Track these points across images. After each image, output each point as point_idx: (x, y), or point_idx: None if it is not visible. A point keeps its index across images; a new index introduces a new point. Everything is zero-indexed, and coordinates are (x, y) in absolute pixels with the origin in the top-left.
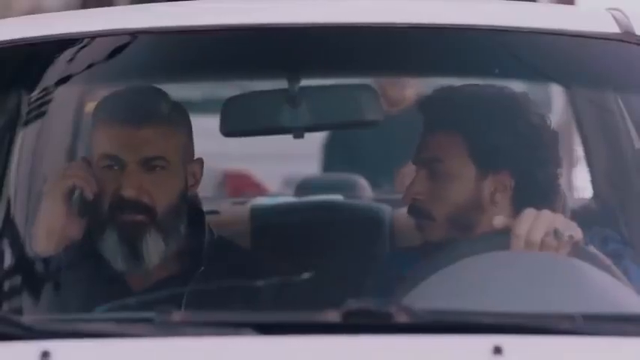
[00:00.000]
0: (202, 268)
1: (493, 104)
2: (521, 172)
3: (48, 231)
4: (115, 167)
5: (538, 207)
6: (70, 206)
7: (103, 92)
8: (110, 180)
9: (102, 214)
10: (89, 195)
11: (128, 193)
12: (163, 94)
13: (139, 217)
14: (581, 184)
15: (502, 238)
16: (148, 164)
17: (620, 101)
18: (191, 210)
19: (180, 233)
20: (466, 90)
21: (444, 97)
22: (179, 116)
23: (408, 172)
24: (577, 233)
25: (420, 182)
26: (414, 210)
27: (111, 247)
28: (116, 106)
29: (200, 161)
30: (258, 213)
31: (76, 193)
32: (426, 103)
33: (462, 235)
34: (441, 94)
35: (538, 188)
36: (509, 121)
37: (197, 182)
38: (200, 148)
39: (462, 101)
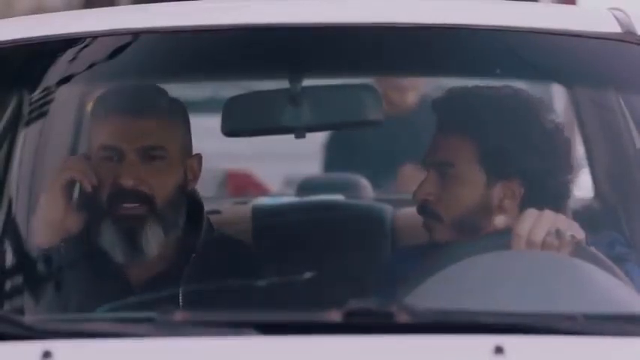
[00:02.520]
0: (203, 266)
1: (507, 110)
2: (532, 180)
3: (47, 224)
4: (114, 158)
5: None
6: (69, 199)
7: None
8: (109, 171)
9: (101, 205)
10: (87, 187)
11: (127, 182)
12: (161, 91)
13: (139, 207)
14: (582, 183)
15: (504, 238)
16: (147, 154)
17: (621, 101)
18: (190, 205)
19: (179, 226)
20: (480, 93)
21: (459, 100)
22: (177, 111)
23: (409, 172)
24: (578, 233)
25: (430, 183)
26: (424, 210)
27: (110, 237)
28: (115, 100)
29: (199, 157)
30: (259, 213)
31: (75, 186)
32: (440, 104)
33: (468, 239)
34: (456, 96)
35: (547, 196)
36: (522, 128)
37: (196, 178)
38: (201, 148)
39: (477, 105)
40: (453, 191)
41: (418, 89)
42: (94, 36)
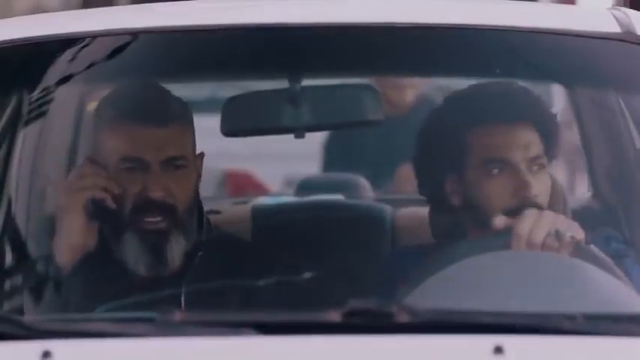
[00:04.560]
0: (203, 266)
1: (544, 99)
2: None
3: (71, 246)
4: (137, 169)
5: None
6: (91, 218)
7: (103, 92)
8: (132, 183)
9: (123, 217)
10: (111, 205)
11: (155, 194)
12: (169, 92)
13: (166, 221)
14: (581, 183)
15: (503, 238)
16: (171, 164)
17: (621, 101)
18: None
19: (196, 231)
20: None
21: (518, 90)
22: (188, 114)
23: (406, 172)
24: (578, 233)
25: (532, 184)
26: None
27: (134, 249)
28: (130, 107)
29: (202, 155)
30: (259, 213)
31: (96, 204)
32: (497, 96)
33: None
34: (512, 88)
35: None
36: (552, 116)
37: (200, 176)
38: (201, 148)
39: (530, 96)
40: (548, 182)
41: (417, 88)
42: (94, 36)
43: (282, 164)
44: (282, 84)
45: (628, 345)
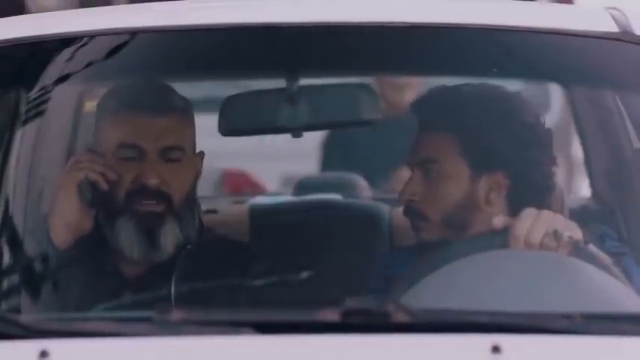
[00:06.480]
0: (201, 265)
1: (486, 104)
2: (516, 171)
3: (64, 225)
4: (134, 157)
5: (534, 205)
6: (84, 199)
7: (102, 91)
8: (128, 169)
9: (118, 204)
10: (104, 186)
11: (150, 181)
12: (169, 85)
13: (160, 206)
14: (579, 183)
15: (501, 238)
16: (167, 154)
17: (618, 100)
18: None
19: (191, 226)
20: (459, 90)
21: (437, 98)
22: (189, 109)
23: (406, 175)
24: (576, 234)
25: (415, 183)
26: (410, 211)
27: (127, 236)
28: (130, 97)
29: (202, 154)
30: (257, 212)
31: (90, 185)
32: (419, 104)
33: (457, 235)
34: (434, 95)
35: (533, 186)
36: (502, 121)
37: (199, 175)
38: (199, 147)
39: (456, 102)
40: (438, 188)
41: (417, 88)
42: (92, 35)
43: (280, 164)
44: (279, 83)
45: (625, 344)
